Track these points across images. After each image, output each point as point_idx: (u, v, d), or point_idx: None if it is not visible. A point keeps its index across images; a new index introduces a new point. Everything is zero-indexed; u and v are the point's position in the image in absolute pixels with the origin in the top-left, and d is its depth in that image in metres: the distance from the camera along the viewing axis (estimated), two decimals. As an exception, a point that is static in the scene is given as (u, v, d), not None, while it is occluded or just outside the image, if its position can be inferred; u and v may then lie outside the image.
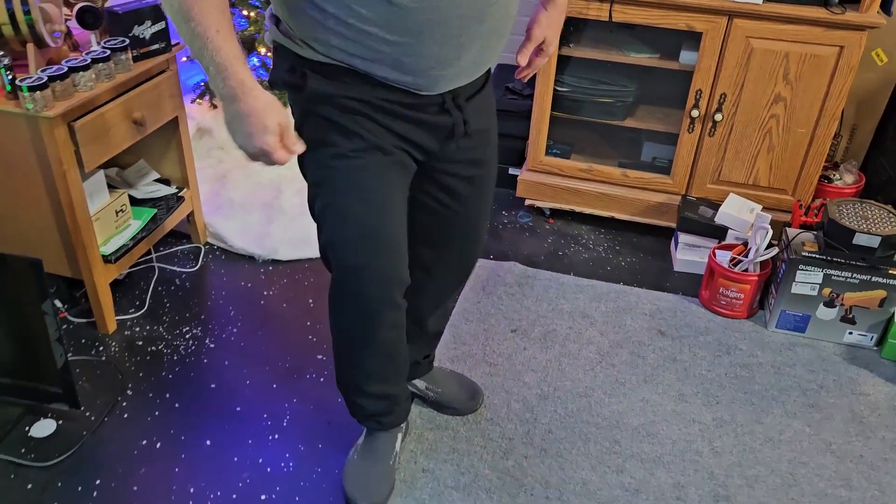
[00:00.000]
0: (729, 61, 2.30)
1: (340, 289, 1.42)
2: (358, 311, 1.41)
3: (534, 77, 2.27)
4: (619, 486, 1.75)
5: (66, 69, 1.77)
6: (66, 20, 1.96)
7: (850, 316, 2.17)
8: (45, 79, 1.71)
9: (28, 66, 1.80)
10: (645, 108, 2.65)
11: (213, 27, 1.09)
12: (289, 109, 1.32)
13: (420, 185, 1.44)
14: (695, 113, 2.40)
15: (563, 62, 2.49)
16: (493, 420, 1.90)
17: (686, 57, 2.41)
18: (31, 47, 1.78)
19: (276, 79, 1.31)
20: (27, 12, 1.73)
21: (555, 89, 2.52)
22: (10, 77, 1.73)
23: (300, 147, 1.21)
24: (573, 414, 1.94)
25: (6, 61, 1.71)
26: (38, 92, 1.69)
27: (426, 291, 1.63)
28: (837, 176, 2.62)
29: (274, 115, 1.14)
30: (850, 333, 2.19)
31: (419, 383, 1.90)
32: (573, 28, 2.53)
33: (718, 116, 2.38)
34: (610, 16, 2.30)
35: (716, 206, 2.44)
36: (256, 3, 2.70)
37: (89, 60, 1.83)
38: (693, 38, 2.35)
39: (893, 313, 2.13)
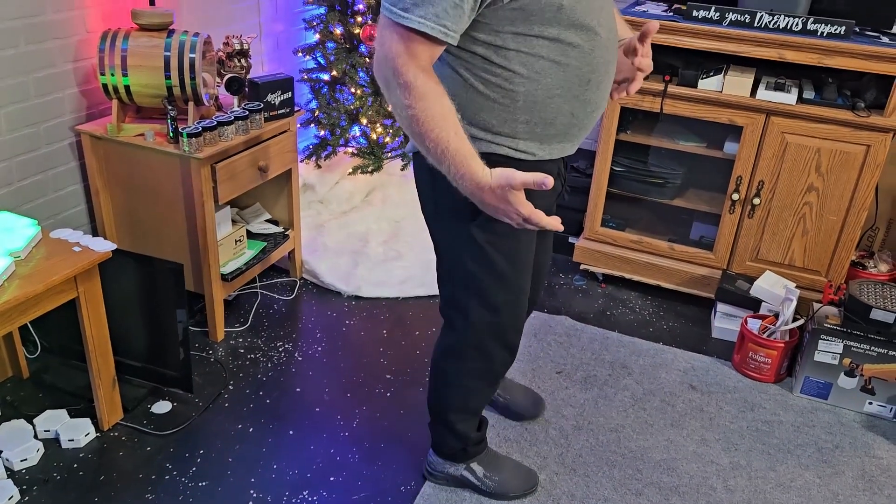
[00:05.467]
0: (766, 153, 2.61)
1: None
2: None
3: (593, 156, 2.63)
4: (636, 505, 2.00)
5: (215, 122, 2.26)
6: (217, 86, 2.48)
7: (870, 386, 2.37)
8: (200, 128, 2.20)
9: (187, 119, 2.30)
10: (693, 190, 2.97)
11: (442, 143, 1.30)
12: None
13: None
14: (735, 196, 2.70)
15: (619, 146, 2.85)
16: (532, 441, 2.19)
17: (730, 147, 2.73)
18: (191, 105, 2.29)
19: None
20: (192, 78, 2.24)
21: (611, 169, 2.88)
22: (174, 126, 2.23)
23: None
24: (603, 444, 2.20)
25: (173, 114, 2.21)
26: (193, 138, 2.18)
27: None
28: (872, 264, 2.85)
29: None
30: (870, 403, 2.38)
31: None
32: (630, 117, 2.90)
33: (756, 201, 2.68)
34: (661, 108, 2.67)
35: (753, 280, 2.70)
36: (363, 83, 3.21)
37: (233, 118, 2.33)
38: (736, 131, 2.68)
39: (909, 386, 2.31)
